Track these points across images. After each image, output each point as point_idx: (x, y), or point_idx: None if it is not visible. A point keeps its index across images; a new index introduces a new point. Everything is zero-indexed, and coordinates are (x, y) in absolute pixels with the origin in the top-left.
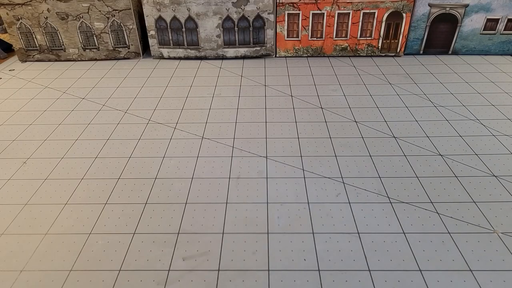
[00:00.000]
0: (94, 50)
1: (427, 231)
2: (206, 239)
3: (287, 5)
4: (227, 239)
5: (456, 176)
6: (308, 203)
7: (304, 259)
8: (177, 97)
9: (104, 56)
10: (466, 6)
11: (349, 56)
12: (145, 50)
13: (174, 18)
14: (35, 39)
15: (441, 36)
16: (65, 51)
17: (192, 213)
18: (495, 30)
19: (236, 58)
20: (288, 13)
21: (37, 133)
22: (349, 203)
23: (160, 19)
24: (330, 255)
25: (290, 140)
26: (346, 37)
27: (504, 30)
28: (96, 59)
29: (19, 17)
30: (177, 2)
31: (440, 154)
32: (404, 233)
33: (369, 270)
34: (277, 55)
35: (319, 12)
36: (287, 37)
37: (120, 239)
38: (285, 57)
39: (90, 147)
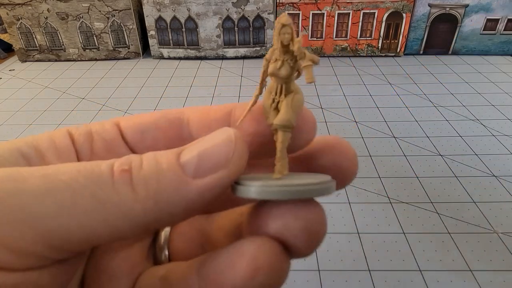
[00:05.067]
0: (94, 50)
1: (427, 231)
2: None
3: (287, 5)
4: None
5: (456, 176)
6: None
7: (304, 259)
8: (177, 97)
9: (104, 56)
10: (466, 6)
11: (349, 56)
12: (145, 50)
13: (174, 18)
14: (35, 39)
15: (441, 36)
16: (65, 51)
17: None
18: (495, 30)
19: (236, 58)
20: (288, 13)
21: (37, 133)
22: (349, 203)
23: (160, 19)
24: (330, 255)
25: None
26: (346, 37)
27: (504, 30)
28: (96, 59)
29: (19, 17)
30: (177, 2)
31: (440, 154)
32: (404, 233)
33: (369, 270)
34: None
35: (319, 12)
36: None
37: None
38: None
39: None
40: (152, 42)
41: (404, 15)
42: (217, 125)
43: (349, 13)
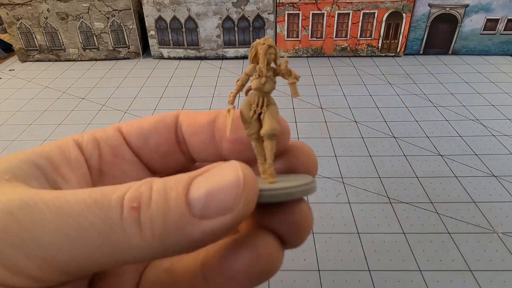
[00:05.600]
0: (94, 50)
1: (427, 231)
2: None
3: (287, 5)
4: None
5: (456, 176)
6: (308, 203)
7: (304, 259)
8: (177, 97)
9: (104, 56)
10: (466, 6)
11: (349, 56)
12: (145, 50)
13: (174, 18)
14: (35, 39)
15: (441, 36)
16: (65, 51)
17: None
18: (495, 30)
19: (236, 58)
20: (288, 13)
21: (37, 133)
22: (349, 203)
23: (160, 19)
24: (330, 255)
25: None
26: (346, 37)
27: (504, 30)
28: (96, 59)
29: (19, 17)
30: (177, 2)
31: (440, 154)
32: (404, 233)
33: (369, 270)
34: None
35: (319, 12)
36: (287, 37)
37: None
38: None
39: None
40: (152, 42)
41: (404, 15)
42: (202, 131)
43: (349, 13)
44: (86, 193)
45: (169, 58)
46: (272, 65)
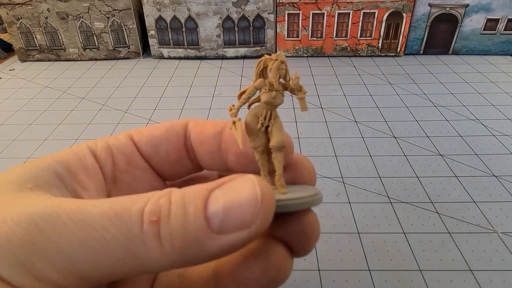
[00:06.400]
0: (94, 50)
1: (427, 231)
2: None
3: (287, 5)
4: None
5: (456, 176)
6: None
7: (304, 259)
8: (177, 97)
9: (104, 56)
10: (466, 6)
11: (349, 56)
12: (145, 50)
13: (174, 18)
14: (35, 39)
15: (441, 36)
16: (65, 51)
17: None
18: (495, 30)
19: (236, 58)
20: (288, 13)
21: (37, 133)
22: (349, 203)
23: (160, 19)
24: (330, 255)
25: None
26: (346, 37)
27: (504, 30)
28: (96, 59)
29: (19, 17)
30: (177, 2)
31: (440, 154)
32: (404, 233)
33: (369, 270)
34: None
35: (319, 12)
36: (287, 37)
37: None
38: (285, 57)
39: None
40: (152, 42)
41: (404, 15)
42: (210, 142)
43: (349, 13)
44: (107, 205)
45: (169, 58)
46: (281, 80)
